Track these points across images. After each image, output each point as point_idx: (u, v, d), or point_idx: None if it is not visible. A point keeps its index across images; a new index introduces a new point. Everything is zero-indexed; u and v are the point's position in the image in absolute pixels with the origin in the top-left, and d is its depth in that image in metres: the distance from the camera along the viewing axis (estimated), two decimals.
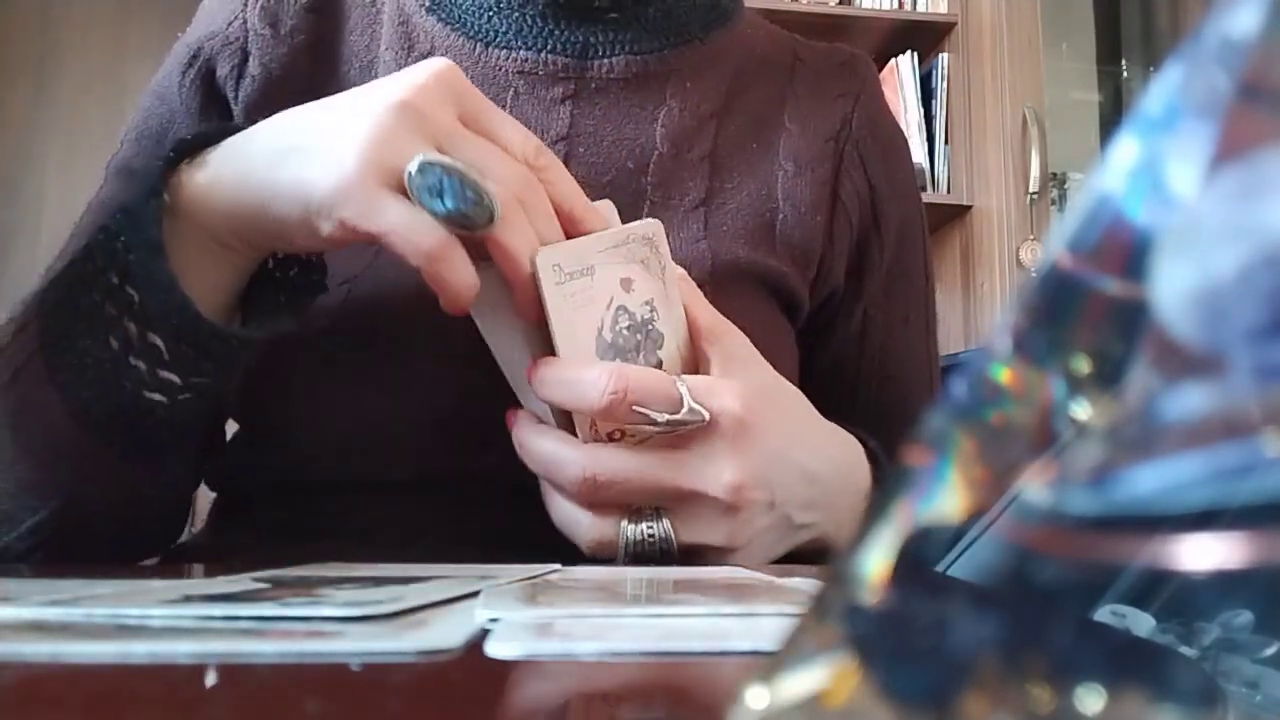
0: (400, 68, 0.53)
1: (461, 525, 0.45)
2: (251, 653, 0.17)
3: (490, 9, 0.54)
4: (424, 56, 0.53)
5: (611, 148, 0.53)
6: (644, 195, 0.53)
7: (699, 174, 0.54)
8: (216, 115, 0.53)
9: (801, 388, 0.50)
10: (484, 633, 0.19)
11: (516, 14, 0.53)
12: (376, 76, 0.53)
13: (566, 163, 0.52)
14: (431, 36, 0.54)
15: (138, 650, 0.17)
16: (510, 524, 0.46)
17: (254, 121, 0.53)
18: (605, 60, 0.54)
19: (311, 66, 0.54)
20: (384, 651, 0.18)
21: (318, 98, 0.55)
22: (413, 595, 0.23)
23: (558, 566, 0.34)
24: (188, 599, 0.23)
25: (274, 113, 0.54)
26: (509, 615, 0.21)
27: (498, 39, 0.53)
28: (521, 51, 0.53)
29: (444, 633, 0.19)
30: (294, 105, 0.54)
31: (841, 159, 0.57)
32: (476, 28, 0.54)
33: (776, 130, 0.58)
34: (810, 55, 0.62)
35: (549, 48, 0.53)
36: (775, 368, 0.54)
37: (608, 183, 0.52)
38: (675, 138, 0.54)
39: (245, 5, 0.53)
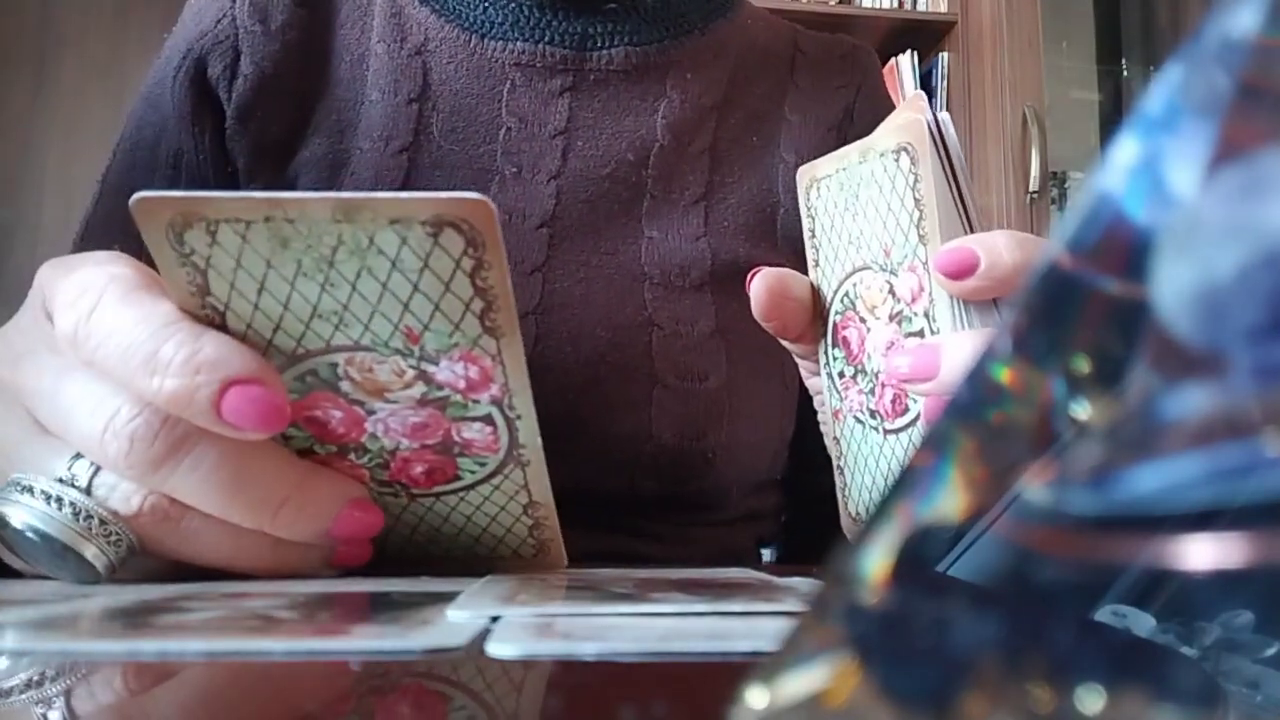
0: (392, 61, 0.52)
1: None
2: (258, 650, 0.17)
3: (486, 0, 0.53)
4: (417, 49, 0.53)
5: (611, 140, 0.52)
6: (644, 188, 0.52)
7: (699, 167, 0.53)
8: (209, 117, 0.52)
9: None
10: (485, 632, 0.19)
11: (513, 5, 0.53)
12: (368, 70, 0.52)
13: (565, 156, 0.51)
14: (425, 28, 0.53)
15: (147, 648, 0.17)
16: None
17: (245, 122, 0.52)
18: (604, 51, 0.53)
19: (303, 63, 0.52)
20: (387, 650, 0.18)
21: (310, 95, 0.54)
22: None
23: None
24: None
25: (266, 111, 0.53)
26: (510, 614, 0.21)
27: (493, 30, 0.52)
28: (518, 43, 0.52)
29: (447, 631, 0.19)
30: (286, 103, 0.53)
31: None
32: (471, 19, 0.53)
33: (777, 123, 0.57)
34: (811, 46, 0.61)
35: (546, 39, 0.52)
36: (778, 367, 0.54)
37: (608, 175, 0.51)
38: (676, 130, 0.53)
39: (234, 2, 0.52)
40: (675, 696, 0.16)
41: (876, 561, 0.12)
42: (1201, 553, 0.11)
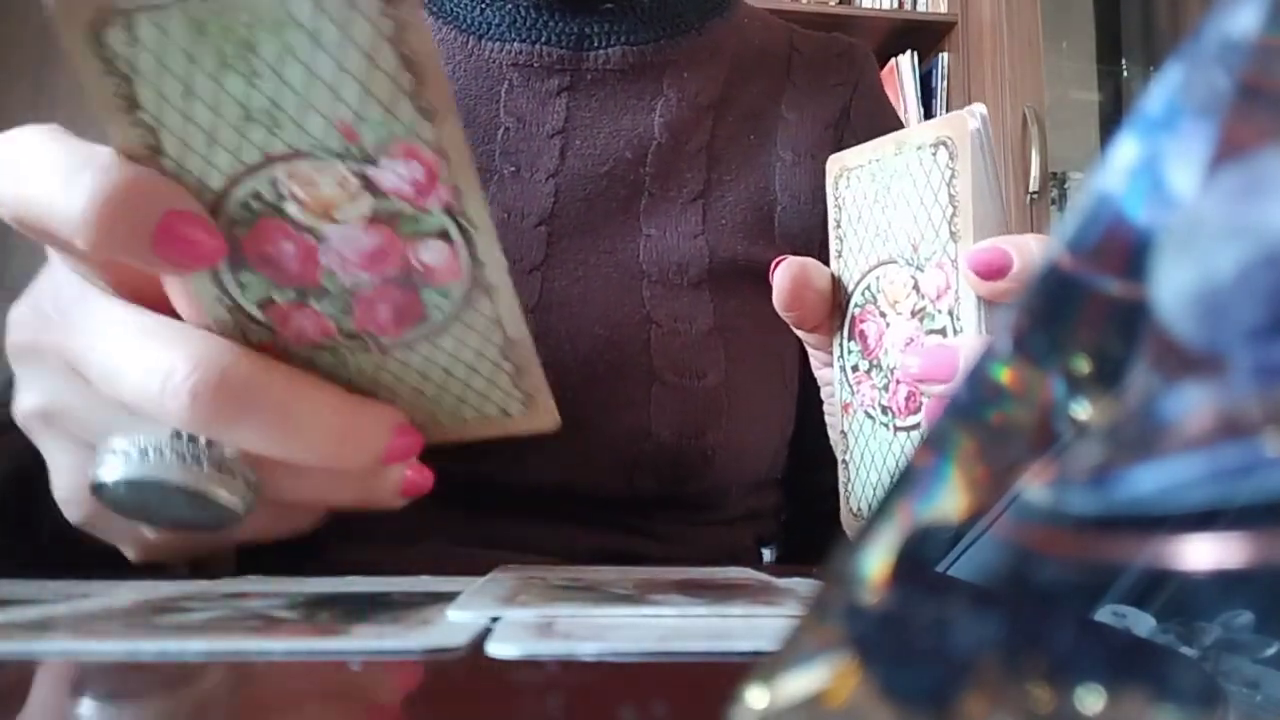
0: None
1: (465, 528, 0.45)
2: (258, 650, 0.17)
3: (483, 1, 0.53)
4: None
5: (609, 139, 0.52)
6: (642, 187, 0.52)
7: (697, 166, 0.54)
8: None
9: (807, 382, 0.49)
10: (485, 631, 0.19)
11: (510, 6, 0.53)
12: None
13: (563, 155, 0.51)
14: None
15: (147, 648, 0.17)
16: (514, 528, 0.46)
17: None
18: (601, 51, 0.53)
19: None
20: (387, 650, 0.18)
21: None
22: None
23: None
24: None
25: None
26: (510, 614, 0.21)
27: (490, 31, 0.53)
28: (515, 44, 0.52)
29: (448, 631, 0.19)
30: None
31: (840, 146, 0.57)
32: (468, 20, 0.53)
33: (774, 121, 0.57)
34: (807, 45, 0.61)
35: (543, 39, 0.52)
36: (778, 365, 0.54)
37: (605, 173, 0.51)
38: (674, 128, 0.53)
39: None
40: (675, 696, 0.16)
41: (876, 561, 0.12)
42: (1201, 553, 0.11)
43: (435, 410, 0.31)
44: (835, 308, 0.39)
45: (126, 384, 0.26)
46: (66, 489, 0.30)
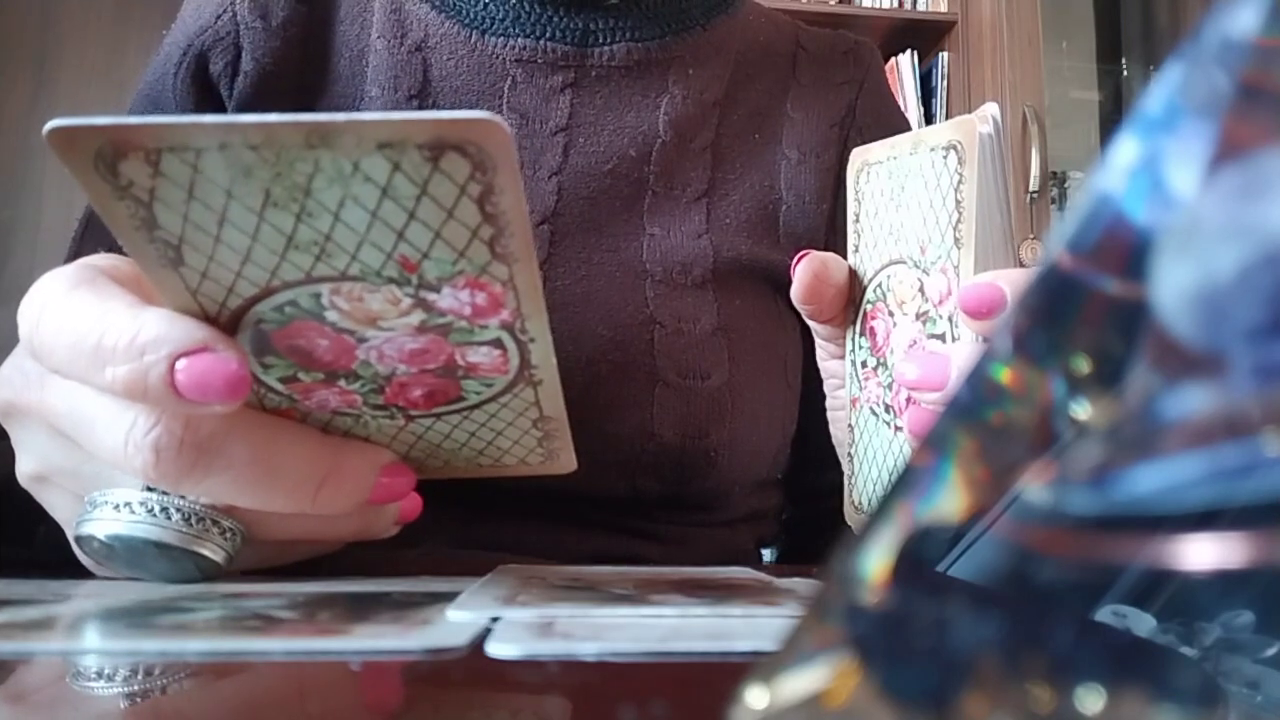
0: (392, 57, 0.52)
1: (466, 530, 0.45)
2: (259, 650, 0.17)
3: None
4: (417, 45, 0.52)
5: (613, 136, 0.52)
6: (646, 184, 0.52)
7: (701, 164, 0.53)
8: (210, 110, 0.52)
9: (809, 381, 0.49)
10: (485, 632, 0.19)
11: (514, 1, 0.52)
12: (367, 66, 0.52)
13: (567, 152, 0.51)
14: (425, 24, 0.53)
15: (147, 648, 0.17)
16: (514, 530, 0.46)
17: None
18: (606, 48, 0.53)
19: (303, 60, 0.52)
20: (387, 650, 0.18)
21: (309, 91, 0.53)
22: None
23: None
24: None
25: (266, 109, 0.52)
26: (510, 614, 0.21)
27: (494, 26, 0.52)
28: (519, 39, 0.52)
29: (448, 631, 0.19)
30: (287, 101, 0.53)
31: (846, 145, 0.57)
32: (471, 15, 0.53)
33: (779, 119, 0.57)
34: (813, 43, 0.61)
35: (548, 35, 0.52)
36: (780, 365, 0.54)
37: (609, 171, 0.51)
38: (679, 125, 0.53)
39: None
40: (675, 696, 0.16)
41: (876, 561, 0.12)
42: (1201, 553, 0.11)
43: (451, 458, 0.30)
44: (849, 302, 0.39)
45: (95, 439, 0.25)
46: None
